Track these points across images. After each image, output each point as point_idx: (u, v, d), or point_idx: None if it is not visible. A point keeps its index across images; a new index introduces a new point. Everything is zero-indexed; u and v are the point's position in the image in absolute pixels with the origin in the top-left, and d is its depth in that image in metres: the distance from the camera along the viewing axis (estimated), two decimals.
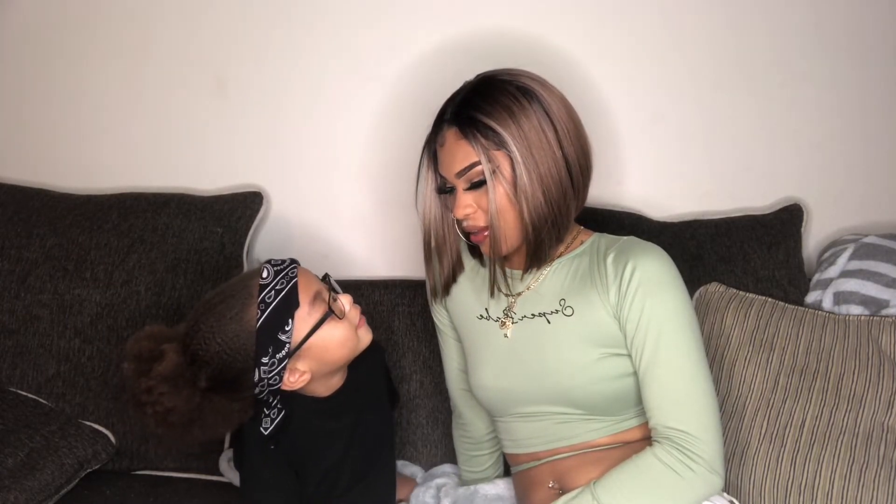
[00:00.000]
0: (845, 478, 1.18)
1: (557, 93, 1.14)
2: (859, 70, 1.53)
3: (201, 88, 1.62)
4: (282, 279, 1.12)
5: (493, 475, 1.38)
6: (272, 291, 1.10)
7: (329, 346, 1.13)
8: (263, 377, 1.10)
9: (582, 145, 1.14)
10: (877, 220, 1.56)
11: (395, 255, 1.65)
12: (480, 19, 1.54)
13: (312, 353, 1.13)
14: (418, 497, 1.33)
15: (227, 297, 1.11)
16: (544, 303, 1.17)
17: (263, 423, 1.17)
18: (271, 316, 1.09)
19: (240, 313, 1.09)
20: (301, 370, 1.13)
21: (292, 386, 1.14)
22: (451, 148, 1.13)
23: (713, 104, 1.56)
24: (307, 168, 1.64)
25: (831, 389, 1.26)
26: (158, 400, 1.07)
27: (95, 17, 1.62)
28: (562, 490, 1.15)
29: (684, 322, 1.11)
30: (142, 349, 1.10)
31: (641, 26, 1.53)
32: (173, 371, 1.08)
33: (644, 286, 1.11)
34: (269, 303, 1.09)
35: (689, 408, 1.08)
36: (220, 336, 1.08)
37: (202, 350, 1.08)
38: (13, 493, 1.23)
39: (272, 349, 1.09)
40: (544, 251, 1.14)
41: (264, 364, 1.09)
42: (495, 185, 1.09)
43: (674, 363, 1.09)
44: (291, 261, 1.16)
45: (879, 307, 1.36)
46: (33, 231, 1.52)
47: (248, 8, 1.58)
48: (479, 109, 1.10)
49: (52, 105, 1.67)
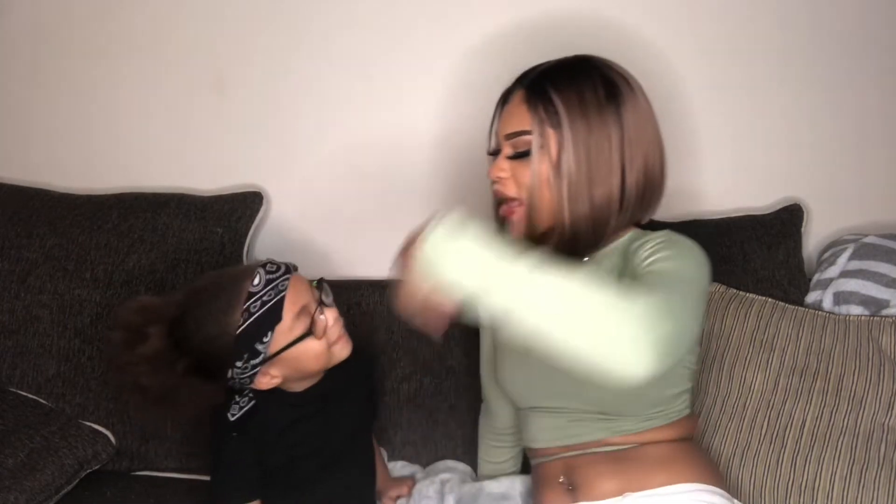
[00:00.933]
0: (845, 478, 1.19)
1: (645, 107, 1.11)
2: (859, 70, 1.53)
3: (201, 88, 1.62)
4: (270, 290, 1.13)
5: (509, 469, 1.39)
6: (258, 301, 1.11)
7: (303, 358, 1.15)
8: (235, 377, 1.13)
9: (648, 170, 1.10)
10: (877, 220, 1.56)
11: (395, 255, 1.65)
12: (472, 22, 1.54)
13: (286, 363, 1.15)
14: (421, 491, 1.33)
15: (218, 293, 1.13)
16: None
17: (231, 410, 1.20)
18: (252, 326, 1.10)
19: (224, 315, 1.11)
20: (273, 374, 1.16)
21: (263, 387, 1.17)
22: (512, 109, 1.12)
23: (713, 104, 1.56)
24: (307, 168, 1.64)
25: (831, 390, 1.26)
26: (136, 375, 1.11)
27: (95, 17, 1.62)
28: (571, 486, 1.14)
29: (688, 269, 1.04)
30: (131, 321, 1.13)
31: (641, 26, 1.53)
32: (155, 354, 1.11)
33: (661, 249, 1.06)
34: (252, 313, 1.11)
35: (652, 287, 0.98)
36: (203, 331, 1.11)
37: (185, 339, 1.12)
38: (13, 493, 1.23)
39: (247, 356, 1.11)
40: (579, 248, 1.12)
41: (237, 367, 1.12)
42: (540, 160, 1.07)
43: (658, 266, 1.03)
44: (286, 268, 1.17)
45: (879, 307, 1.36)
46: (33, 231, 1.51)
47: (248, 8, 1.58)
48: (553, 83, 1.08)
49: (53, 105, 1.67)
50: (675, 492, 1.09)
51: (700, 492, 1.10)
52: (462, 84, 1.56)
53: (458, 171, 1.58)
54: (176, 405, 1.14)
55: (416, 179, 1.62)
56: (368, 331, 1.52)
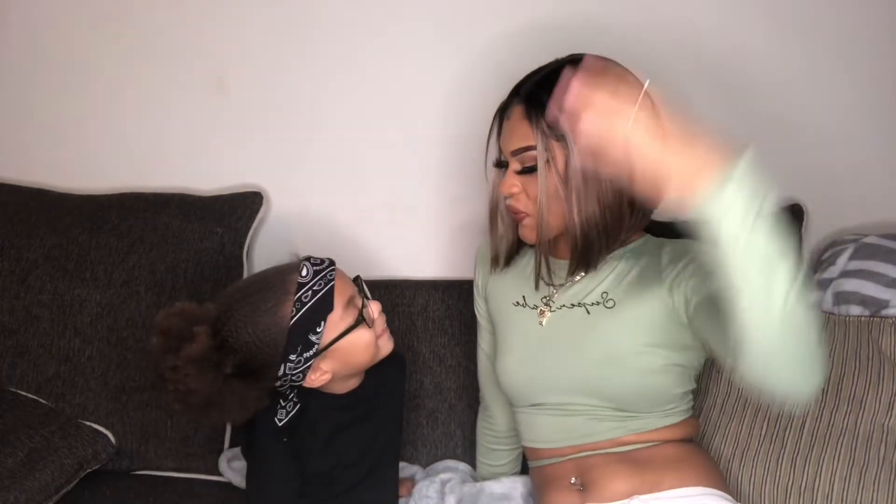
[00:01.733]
0: (845, 479, 1.18)
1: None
2: (859, 70, 1.53)
3: (201, 88, 1.62)
4: (319, 280, 1.13)
5: (509, 472, 1.39)
6: (309, 291, 1.11)
7: (354, 350, 1.15)
8: (288, 372, 1.12)
9: None
10: (877, 220, 1.56)
11: (396, 255, 1.65)
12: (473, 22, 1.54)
13: (337, 355, 1.14)
14: (421, 491, 1.32)
15: (264, 288, 1.12)
16: (585, 294, 1.16)
17: (279, 415, 1.18)
18: (306, 315, 1.10)
19: (275, 307, 1.09)
20: (324, 369, 1.15)
21: (313, 384, 1.15)
22: (513, 124, 1.12)
23: (713, 104, 1.56)
24: (307, 168, 1.64)
25: (831, 391, 1.26)
26: (182, 379, 1.07)
27: (95, 17, 1.62)
28: (582, 486, 1.14)
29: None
30: (171, 325, 1.09)
31: (639, 25, 1.53)
32: (202, 354, 1.07)
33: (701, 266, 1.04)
34: (305, 302, 1.10)
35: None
36: (252, 326, 1.09)
37: (232, 337, 1.09)
38: (13, 493, 1.23)
39: (301, 347, 1.10)
40: (594, 256, 1.12)
41: (291, 361, 1.10)
42: (547, 175, 1.07)
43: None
44: (330, 262, 1.17)
45: (879, 307, 1.35)
46: (33, 231, 1.51)
47: (248, 8, 1.58)
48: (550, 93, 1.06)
49: (52, 105, 1.67)
50: (683, 495, 1.09)
51: (707, 496, 1.10)
52: (463, 84, 1.56)
53: (458, 172, 1.58)
54: (222, 410, 1.12)
55: (415, 179, 1.62)
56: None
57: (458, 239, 1.58)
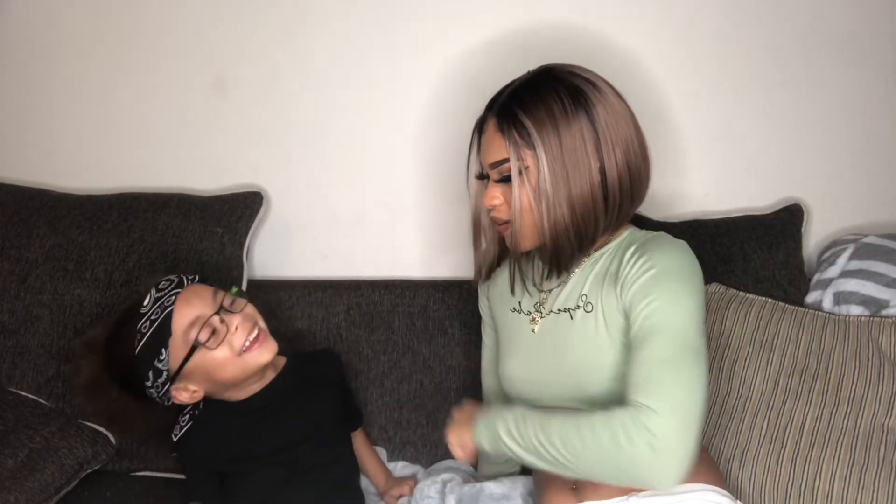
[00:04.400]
0: (845, 479, 1.19)
1: (616, 103, 1.12)
2: (860, 70, 1.53)
3: (201, 88, 1.62)
4: (157, 308, 1.14)
5: (510, 470, 1.39)
6: (147, 321, 1.13)
7: (212, 368, 1.16)
8: (154, 395, 1.17)
9: (630, 163, 1.11)
10: (877, 220, 1.56)
11: (395, 255, 1.65)
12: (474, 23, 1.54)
13: (196, 375, 1.16)
14: (423, 491, 1.32)
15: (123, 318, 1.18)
16: (569, 299, 1.17)
17: (174, 431, 1.24)
18: (146, 345, 1.12)
19: (125, 339, 1.15)
20: (192, 388, 1.17)
21: (185, 401, 1.19)
22: (488, 138, 1.14)
23: (713, 104, 1.56)
24: (307, 168, 1.64)
25: (831, 390, 1.26)
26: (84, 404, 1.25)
27: (95, 17, 1.62)
28: (575, 486, 1.14)
29: (684, 313, 1.06)
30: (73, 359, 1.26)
31: (640, 25, 1.53)
32: (90, 383, 1.20)
33: (655, 277, 1.08)
34: (144, 333, 1.13)
35: (657, 385, 1.02)
36: (115, 357, 1.16)
37: (107, 366, 1.19)
38: (13, 493, 1.23)
39: (152, 374, 1.14)
40: (563, 260, 1.14)
41: (148, 387, 1.15)
42: (521, 184, 1.09)
43: (658, 344, 1.04)
44: (179, 283, 1.17)
45: (879, 307, 1.36)
46: (33, 231, 1.51)
47: (248, 8, 1.58)
48: (521, 105, 1.10)
49: (53, 105, 1.67)
50: (680, 491, 1.09)
51: (706, 492, 1.10)
52: (463, 85, 1.56)
53: (459, 172, 1.58)
54: (125, 426, 1.24)
55: (416, 180, 1.62)
56: (368, 330, 1.52)
57: (458, 239, 1.58)
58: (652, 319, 1.06)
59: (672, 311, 1.06)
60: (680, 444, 0.99)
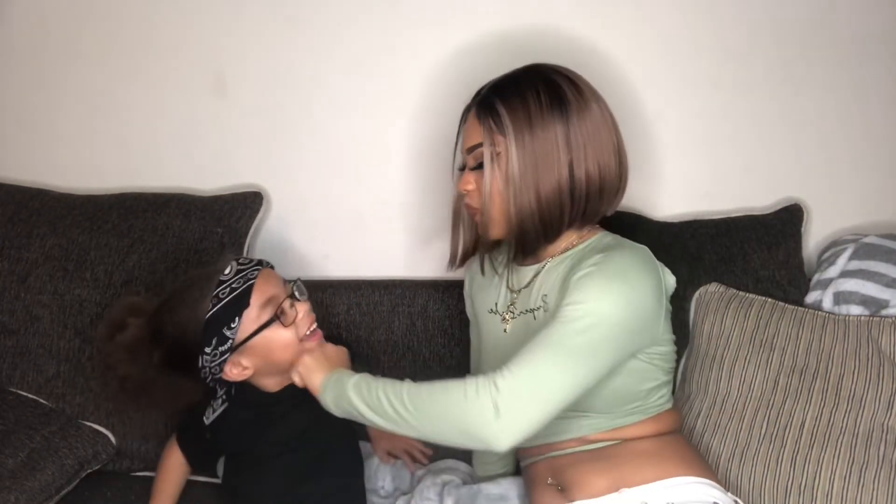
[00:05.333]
0: (845, 478, 1.19)
1: (593, 103, 1.14)
2: (860, 70, 1.53)
3: (201, 88, 1.62)
4: (240, 278, 1.18)
5: (502, 469, 1.39)
6: (227, 288, 1.17)
7: (273, 348, 1.19)
8: (206, 364, 1.17)
9: (601, 162, 1.13)
10: (877, 220, 1.56)
11: (395, 255, 1.65)
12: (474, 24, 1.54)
13: (256, 352, 1.19)
14: (423, 492, 1.33)
15: (192, 284, 1.20)
16: (533, 299, 1.19)
17: (206, 413, 1.26)
18: (221, 311, 1.15)
19: (195, 302, 1.16)
20: (244, 365, 1.20)
21: (234, 378, 1.21)
22: (469, 126, 1.19)
23: (713, 104, 1.56)
24: (307, 168, 1.64)
25: (831, 390, 1.26)
26: (116, 365, 1.19)
27: (95, 16, 1.62)
28: (561, 487, 1.16)
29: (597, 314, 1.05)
30: (114, 317, 1.22)
31: (640, 26, 1.53)
32: (132, 343, 1.19)
33: (589, 273, 1.08)
34: (221, 298, 1.16)
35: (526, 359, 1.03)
36: (176, 319, 1.17)
37: (158, 330, 1.18)
38: (13, 493, 1.23)
39: (216, 341, 1.16)
40: (528, 243, 1.16)
41: (206, 353, 1.16)
42: (493, 170, 1.13)
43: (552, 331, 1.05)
44: (258, 262, 1.22)
45: (879, 307, 1.36)
46: (33, 231, 1.51)
47: (247, 7, 1.58)
48: (500, 95, 1.14)
49: (52, 105, 1.67)
50: (672, 484, 1.10)
51: (697, 484, 1.11)
52: (463, 85, 1.56)
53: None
54: (154, 398, 1.22)
55: (416, 179, 1.62)
56: (368, 330, 1.52)
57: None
58: (563, 310, 1.07)
59: (583, 306, 1.06)
60: (522, 411, 1.01)
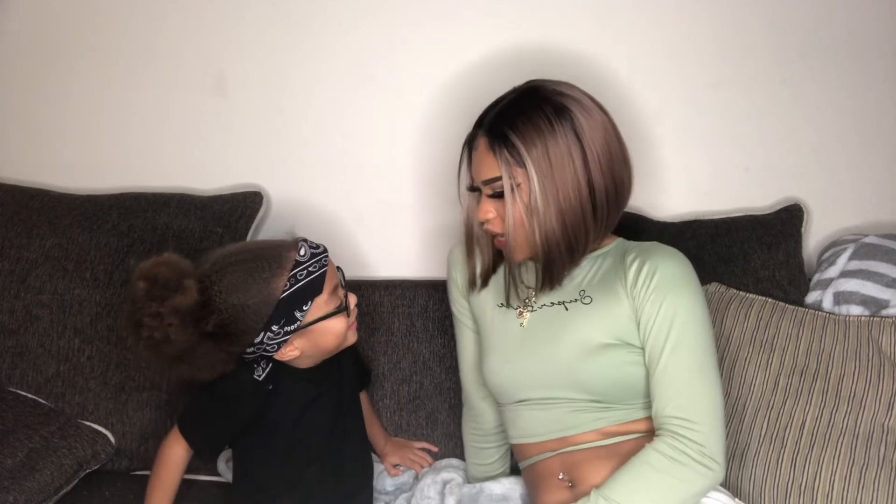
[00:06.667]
0: (845, 479, 1.18)
1: (599, 117, 1.16)
2: (859, 70, 1.53)
3: (201, 88, 1.62)
4: (315, 262, 1.19)
5: (499, 469, 1.40)
6: (304, 270, 1.17)
7: (327, 334, 1.21)
8: (266, 342, 1.17)
9: (615, 174, 1.16)
10: (877, 220, 1.56)
11: (395, 255, 1.65)
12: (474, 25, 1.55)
13: (311, 336, 1.20)
14: (423, 491, 1.33)
15: (261, 258, 1.17)
16: (564, 293, 1.21)
17: (256, 372, 1.22)
18: (297, 292, 1.16)
19: (269, 278, 1.15)
20: (296, 346, 1.20)
21: (282, 357, 1.21)
22: (480, 156, 1.18)
23: (713, 104, 1.56)
24: (307, 168, 1.64)
25: (831, 390, 1.26)
26: (162, 328, 1.09)
27: (95, 16, 1.62)
28: (571, 483, 1.16)
29: (697, 321, 1.14)
30: (159, 274, 1.11)
31: (641, 26, 1.53)
32: (188, 307, 1.11)
33: (662, 285, 1.15)
34: (299, 279, 1.16)
35: (688, 397, 1.11)
36: (243, 291, 1.14)
37: (220, 298, 1.14)
38: (12, 493, 1.23)
39: (284, 321, 1.16)
40: (556, 272, 1.18)
41: (272, 331, 1.16)
42: (514, 201, 1.13)
43: (681, 357, 1.13)
44: (324, 248, 1.23)
45: (879, 307, 1.36)
46: (33, 231, 1.51)
47: (247, 7, 1.58)
48: (510, 125, 1.13)
49: (53, 105, 1.67)
50: None
51: None
52: (463, 85, 1.56)
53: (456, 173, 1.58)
54: (191, 366, 1.16)
55: (416, 179, 1.62)
56: (368, 330, 1.52)
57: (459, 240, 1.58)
58: (671, 331, 1.13)
59: (688, 320, 1.14)
60: (721, 442, 1.10)
